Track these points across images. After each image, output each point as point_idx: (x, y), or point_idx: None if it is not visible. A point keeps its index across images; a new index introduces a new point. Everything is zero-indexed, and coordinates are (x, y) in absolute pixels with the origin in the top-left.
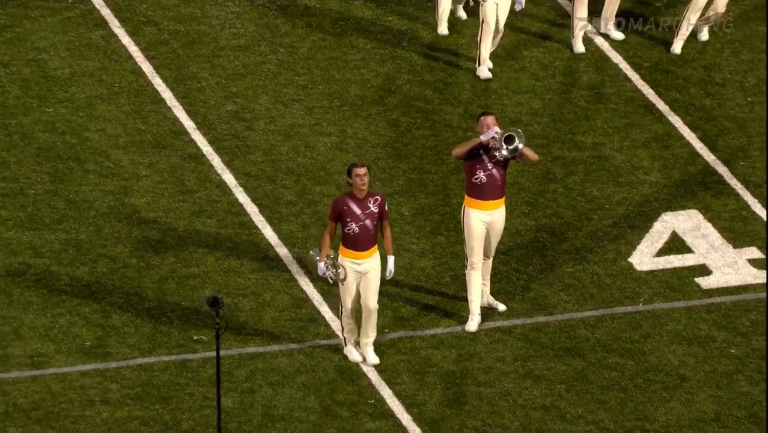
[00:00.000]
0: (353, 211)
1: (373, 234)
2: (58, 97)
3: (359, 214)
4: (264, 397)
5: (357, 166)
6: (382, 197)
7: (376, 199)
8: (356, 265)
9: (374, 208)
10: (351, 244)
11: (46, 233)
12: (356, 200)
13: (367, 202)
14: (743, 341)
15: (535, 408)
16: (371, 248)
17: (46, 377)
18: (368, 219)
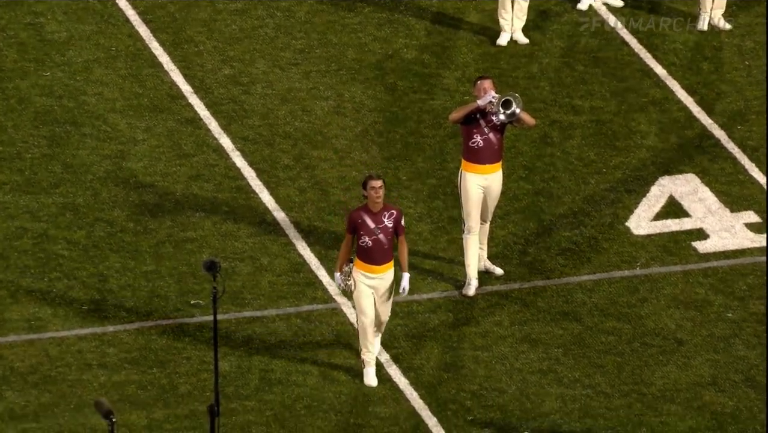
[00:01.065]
0: (367, 224)
1: (388, 248)
2: (55, 61)
3: (373, 228)
4: (261, 361)
5: (372, 179)
6: (398, 212)
7: (391, 213)
8: (368, 279)
9: (389, 222)
10: (365, 257)
11: (43, 197)
12: (371, 213)
13: (382, 216)
14: (740, 305)
15: (532, 372)
16: (386, 263)
17: (43, 341)
18: (382, 233)
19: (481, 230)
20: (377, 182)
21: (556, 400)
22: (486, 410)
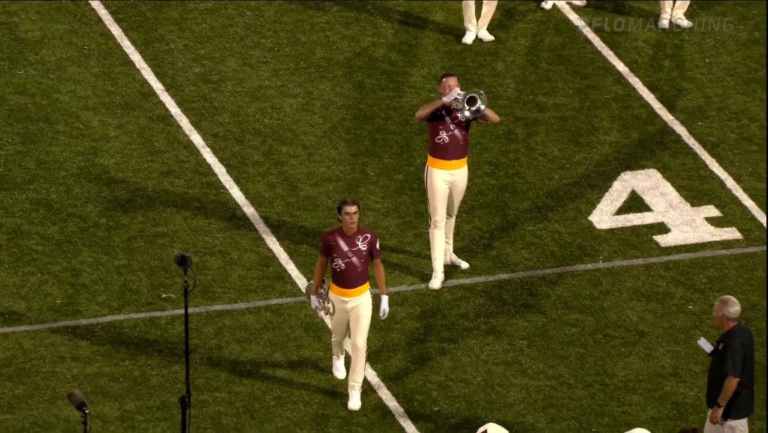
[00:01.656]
0: (340, 247)
1: (361, 272)
2: (28, 60)
3: (346, 251)
4: (231, 353)
5: (347, 204)
6: (373, 235)
7: (366, 237)
8: (343, 302)
9: (363, 246)
10: (338, 280)
11: (17, 193)
12: (344, 237)
13: (356, 239)
14: (701, 298)
15: (497, 363)
16: (359, 286)
17: (17, 334)
18: (355, 256)
19: (447, 224)
20: (352, 208)
21: (521, 391)
22: (452, 401)
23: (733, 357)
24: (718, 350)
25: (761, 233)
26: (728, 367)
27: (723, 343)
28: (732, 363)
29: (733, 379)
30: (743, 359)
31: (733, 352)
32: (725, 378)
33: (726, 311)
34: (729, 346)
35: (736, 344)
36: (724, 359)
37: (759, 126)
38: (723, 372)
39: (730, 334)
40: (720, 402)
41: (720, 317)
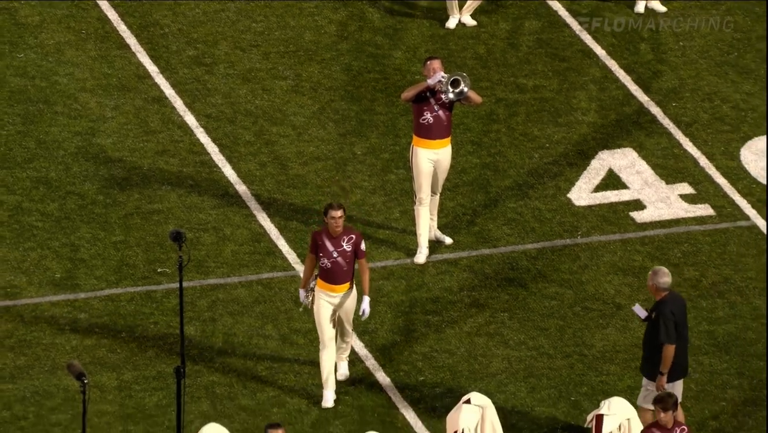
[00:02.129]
0: (326, 247)
1: (347, 270)
2: (28, 43)
3: (331, 251)
4: (224, 325)
5: (333, 209)
6: (358, 236)
7: (351, 237)
8: (330, 297)
9: (347, 246)
10: (325, 276)
11: (17, 171)
12: (330, 237)
13: (341, 240)
14: (675, 271)
15: (479, 335)
16: (345, 283)
17: (18, 307)
18: (340, 257)
19: (432, 201)
20: (337, 212)
21: (502, 361)
22: (436, 371)
23: (666, 325)
24: (652, 318)
25: (733, 210)
26: (662, 335)
27: (656, 312)
28: (665, 331)
29: (670, 346)
30: (675, 326)
31: (665, 320)
32: (661, 346)
33: (657, 281)
34: (661, 314)
35: (667, 312)
36: (658, 327)
37: (731, 106)
38: (658, 340)
39: (662, 303)
40: (662, 370)
41: (652, 287)
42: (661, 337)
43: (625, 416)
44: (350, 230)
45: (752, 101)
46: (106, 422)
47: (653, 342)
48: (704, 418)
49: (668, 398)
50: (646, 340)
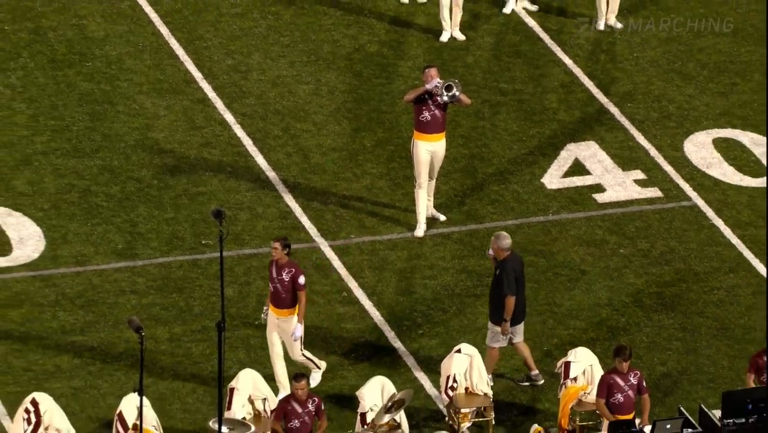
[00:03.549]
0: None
1: (285, 298)
2: (95, 54)
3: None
4: (257, 288)
5: (277, 240)
6: (297, 271)
7: (290, 271)
8: (272, 318)
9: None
10: (272, 300)
11: (86, 160)
12: (273, 265)
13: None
14: (630, 243)
15: (468, 296)
16: (283, 309)
17: (87, 272)
18: (279, 284)
19: (429, 185)
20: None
21: (487, 317)
22: (433, 326)
23: (508, 280)
24: (496, 275)
25: (678, 192)
26: (506, 288)
27: (499, 269)
28: (508, 285)
29: (511, 297)
30: (516, 281)
31: (508, 276)
32: (504, 297)
33: (500, 244)
34: (504, 271)
35: (509, 269)
36: (502, 282)
37: (676, 107)
38: (502, 293)
39: (505, 261)
40: (505, 317)
41: (496, 249)
42: (505, 289)
43: (588, 363)
44: (292, 263)
45: (693, 102)
46: (159, 368)
47: (498, 294)
48: (654, 364)
49: (625, 349)
50: (492, 293)
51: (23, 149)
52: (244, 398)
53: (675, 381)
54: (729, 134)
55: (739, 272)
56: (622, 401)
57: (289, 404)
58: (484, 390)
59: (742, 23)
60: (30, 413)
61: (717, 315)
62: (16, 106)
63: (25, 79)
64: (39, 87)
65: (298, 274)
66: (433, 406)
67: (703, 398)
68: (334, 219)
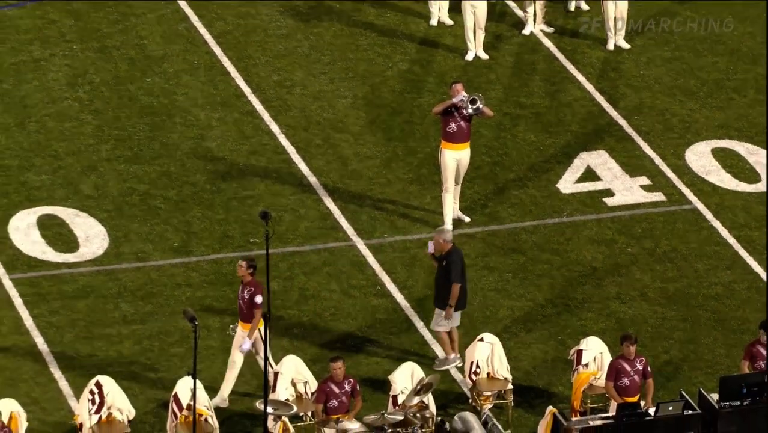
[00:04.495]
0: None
1: (245, 313)
2: (154, 71)
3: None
4: (300, 282)
5: (243, 262)
6: (256, 289)
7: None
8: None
9: (246, 294)
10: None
11: (146, 167)
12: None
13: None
14: (636, 243)
15: (490, 290)
16: (243, 323)
17: (147, 267)
18: (240, 300)
19: (455, 190)
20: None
21: (507, 309)
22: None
23: (456, 269)
24: (443, 265)
25: (680, 197)
26: (453, 276)
27: (446, 260)
28: (455, 273)
29: (457, 285)
30: (461, 270)
31: (455, 265)
32: (452, 284)
33: (444, 237)
34: (452, 261)
35: (456, 259)
36: (449, 271)
37: (678, 120)
38: (450, 281)
39: (450, 253)
40: (450, 303)
41: (440, 243)
42: (452, 277)
43: (599, 350)
44: (254, 283)
45: (694, 115)
46: (211, 354)
47: (445, 282)
48: (658, 352)
49: (631, 336)
50: (439, 281)
51: (89, 156)
52: (287, 381)
53: (677, 367)
54: (726, 145)
55: (735, 269)
56: (629, 385)
57: (328, 385)
58: (505, 375)
59: (738, 45)
60: (94, 395)
61: (715, 308)
62: (84, 117)
63: (91, 93)
64: (104, 100)
65: (256, 293)
66: (458, 389)
67: (703, 382)
68: (369, 220)
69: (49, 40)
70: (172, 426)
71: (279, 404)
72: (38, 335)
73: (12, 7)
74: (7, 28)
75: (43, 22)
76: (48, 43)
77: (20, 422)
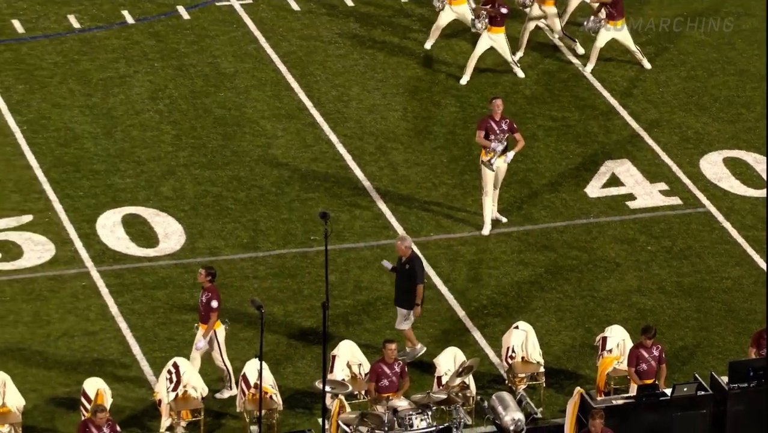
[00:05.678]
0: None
1: (203, 314)
2: (226, 86)
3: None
4: (354, 275)
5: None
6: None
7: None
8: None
9: (204, 298)
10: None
11: (219, 171)
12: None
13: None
14: (655, 241)
15: (524, 283)
16: (201, 323)
17: (219, 261)
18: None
19: (494, 194)
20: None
21: (540, 300)
22: (495, 307)
23: (419, 271)
24: (406, 268)
25: (694, 201)
26: (418, 278)
27: (408, 264)
28: (419, 275)
29: (421, 285)
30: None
31: (419, 268)
32: (416, 286)
33: (406, 244)
34: (416, 264)
35: (418, 262)
36: (414, 273)
37: (693, 132)
38: (414, 282)
39: (411, 258)
40: (417, 302)
41: (402, 248)
42: (418, 279)
43: (621, 338)
44: (211, 289)
45: (707, 128)
46: (276, 338)
47: (409, 284)
48: (674, 339)
49: (650, 329)
50: (403, 283)
51: (168, 162)
52: (343, 363)
53: (691, 353)
54: (736, 154)
55: (743, 265)
56: (646, 369)
57: (380, 366)
58: (537, 359)
59: (746, 66)
60: (172, 374)
61: (725, 300)
62: (163, 127)
63: (170, 106)
64: (181, 112)
65: (212, 298)
66: (496, 371)
67: (714, 366)
68: (417, 220)
69: (133, 59)
70: (241, 402)
71: (336, 383)
72: (122, 320)
73: (102, 29)
74: (97, 48)
75: (128, 42)
76: (132, 61)
77: (106, 399)
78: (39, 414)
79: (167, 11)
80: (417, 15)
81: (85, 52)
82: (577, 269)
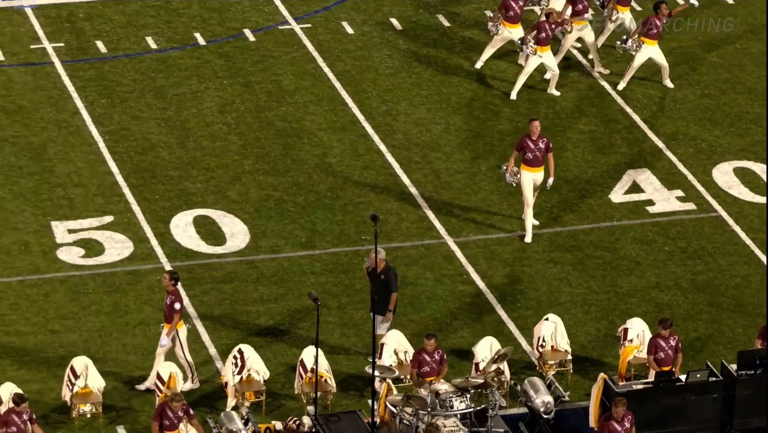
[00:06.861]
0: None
1: (168, 315)
2: (287, 101)
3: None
4: (401, 272)
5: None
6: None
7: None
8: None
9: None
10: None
11: (280, 178)
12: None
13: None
14: (672, 243)
15: (554, 279)
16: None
17: (279, 258)
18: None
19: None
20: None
21: (568, 295)
22: (527, 300)
23: (394, 281)
24: (381, 279)
25: (707, 206)
26: (393, 286)
27: (384, 275)
28: (394, 284)
29: (395, 294)
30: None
31: (394, 277)
32: (390, 294)
33: (381, 257)
34: (391, 274)
35: (393, 273)
36: (389, 282)
37: (707, 144)
38: (389, 291)
39: (386, 269)
40: (390, 309)
41: (379, 261)
42: (392, 287)
43: (641, 329)
44: (174, 292)
45: (719, 141)
46: (330, 328)
47: (385, 292)
48: (688, 331)
49: (667, 320)
50: (379, 292)
51: (235, 169)
52: (391, 350)
53: (704, 343)
54: (745, 165)
55: (751, 264)
56: (664, 357)
57: (421, 354)
58: (565, 348)
59: (755, 85)
60: (237, 359)
61: (735, 295)
62: (231, 138)
63: (237, 119)
64: (247, 125)
65: (174, 301)
66: (528, 359)
67: (724, 355)
68: (458, 222)
69: (204, 76)
70: (299, 385)
71: (384, 368)
72: (193, 311)
73: (176, 50)
74: (171, 67)
75: (200, 62)
76: (203, 79)
77: (177, 381)
78: (117, 395)
79: (235, 34)
80: (459, 37)
81: (161, 70)
82: (602, 267)
